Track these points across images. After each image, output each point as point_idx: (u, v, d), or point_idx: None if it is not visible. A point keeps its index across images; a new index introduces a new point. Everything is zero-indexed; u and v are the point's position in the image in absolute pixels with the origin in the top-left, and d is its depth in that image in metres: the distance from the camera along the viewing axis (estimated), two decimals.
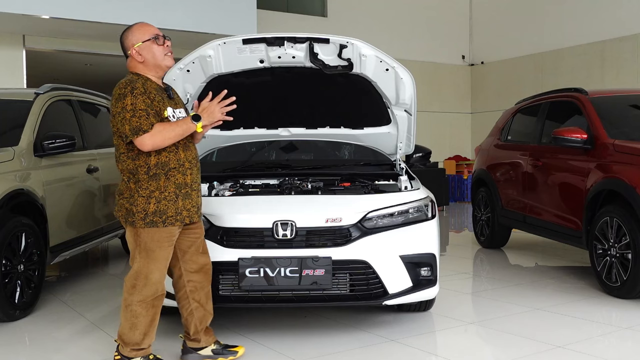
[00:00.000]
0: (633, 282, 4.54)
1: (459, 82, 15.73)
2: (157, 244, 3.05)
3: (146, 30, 3.13)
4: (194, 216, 3.16)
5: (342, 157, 5.14)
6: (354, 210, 3.70)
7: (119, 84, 3.06)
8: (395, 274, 3.66)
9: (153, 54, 3.10)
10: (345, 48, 4.03)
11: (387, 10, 14.39)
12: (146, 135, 2.95)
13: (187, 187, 3.11)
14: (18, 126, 4.72)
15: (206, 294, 3.35)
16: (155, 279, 3.07)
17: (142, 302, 3.06)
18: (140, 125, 2.95)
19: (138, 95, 2.98)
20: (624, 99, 5.86)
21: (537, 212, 6.02)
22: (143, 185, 3.03)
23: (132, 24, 3.21)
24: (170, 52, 3.17)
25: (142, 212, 3.02)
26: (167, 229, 3.05)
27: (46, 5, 8.98)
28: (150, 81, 3.12)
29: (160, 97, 3.09)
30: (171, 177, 3.05)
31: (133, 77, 3.09)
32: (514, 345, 3.67)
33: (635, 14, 12.07)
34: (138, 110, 2.96)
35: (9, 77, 10.06)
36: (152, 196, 3.02)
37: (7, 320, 4.17)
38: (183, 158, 3.09)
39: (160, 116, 3.04)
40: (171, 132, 2.99)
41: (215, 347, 3.39)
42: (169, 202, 3.04)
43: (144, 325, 3.09)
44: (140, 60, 3.12)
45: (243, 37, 3.98)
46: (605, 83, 12.42)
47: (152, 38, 3.11)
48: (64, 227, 4.96)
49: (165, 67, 3.16)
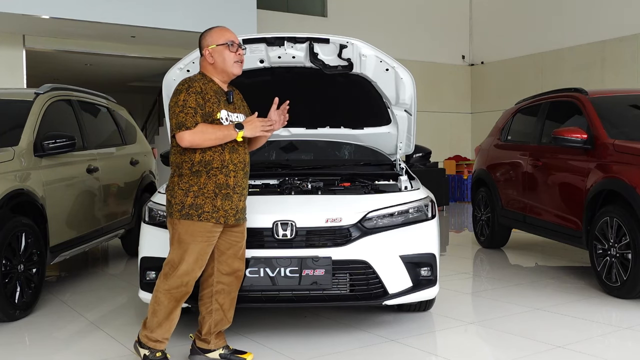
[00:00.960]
0: (633, 282, 4.54)
1: (459, 82, 15.74)
2: (191, 237, 3.09)
3: (222, 35, 3.22)
4: (231, 218, 3.16)
5: (342, 157, 5.14)
6: (354, 210, 3.70)
7: (181, 81, 3.18)
8: (395, 274, 3.66)
9: (223, 58, 3.19)
10: (345, 48, 4.03)
11: (387, 10, 14.39)
12: (187, 132, 3.04)
13: (229, 189, 3.14)
14: (18, 126, 4.72)
15: (232, 299, 3.36)
16: (183, 271, 3.10)
17: (167, 291, 3.12)
18: (184, 121, 3.04)
19: (192, 93, 3.09)
20: (624, 99, 5.86)
21: (537, 212, 6.02)
22: (185, 179, 3.12)
23: (215, 27, 3.29)
24: (241, 62, 3.25)
25: (179, 204, 3.10)
26: (201, 224, 3.09)
27: (46, 5, 8.99)
28: (213, 83, 3.21)
29: (217, 100, 3.16)
30: (212, 176, 3.11)
31: (197, 76, 3.21)
32: (514, 345, 3.67)
33: (635, 14, 12.07)
34: (187, 107, 3.06)
35: (9, 77, 10.06)
36: (191, 190, 3.10)
37: (7, 320, 4.17)
38: (228, 160, 3.14)
39: (212, 117, 3.12)
40: (212, 134, 3.06)
41: (223, 351, 3.37)
42: (207, 199, 3.10)
43: (161, 315, 3.14)
44: (211, 62, 3.21)
45: (243, 37, 3.98)
46: (605, 83, 12.42)
47: (226, 43, 3.18)
48: (64, 227, 4.96)
49: (232, 74, 3.23)
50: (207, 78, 3.22)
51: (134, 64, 12.49)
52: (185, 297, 3.17)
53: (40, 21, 9.34)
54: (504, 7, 14.93)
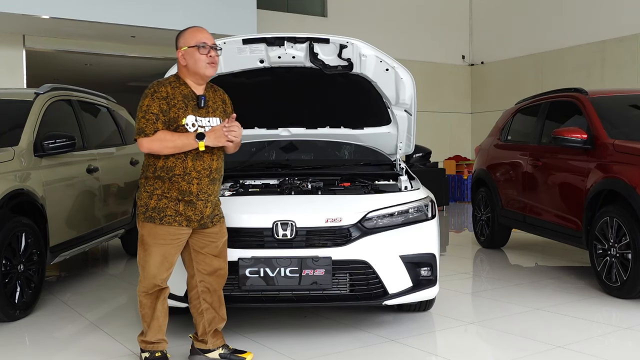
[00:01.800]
0: (633, 282, 4.54)
1: (459, 82, 15.73)
2: (153, 239, 3.10)
3: (194, 36, 3.15)
4: (194, 224, 3.14)
5: (342, 157, 5.14)
6: (354, 210, 3.70)
7: (150, 84, 3.16)
8: (395, 274, 3.66)
9: (195, 60, 3.12)
10: (345, 48, 4.03)
11: (387, 10, 14.38)
12: (145, 139, 3.04)
13: (192, 196, 3.10)
14: (18, 126, 4.72)
15: (219, 298, 3.35)
16: (150, 273, 3.11)
17: (144, 293, 3.16)
18: (144, 128, 3.04)
19: (156, 99, 3.07)
20: (624, 99, 5.86)
21: (537, 212, 6.02)
22: (149, 182, 3.13)
23: (189, 27, 3.22)
24: (214, 63, 3.16)
25: (143, 207, 3.12)
26: (163, 227, 3.08)
27: (46, 5, 8.98)
28: (185, 86, 3.15)
29: (184, 105, 3.10)
30: (175, 182, 3.08)
31: (169, 79, 3.18)
32: (514, 345, 3.67)
33: (635, 14, 12.07)
34: (149, 113, 3.05)
35: (9, 77, 10.05)
36: (155, 193, 3.10)
37: (7, 320, 4.17)
38: (190, 167, 3.09)
39: (177, 123, 3.07)
40: (170, 142, 3.03)
41: (223, 351, 3.36)
42: (170, 203, 3.09)
43: (148, 317, 3.17)
44: (184, 64, 3.17)
45: (243, 37, 3.99)
46: (605, 83, 12.41)
47: (197, 45, 3.12)
48: (64, 227, 4.96)
49: (204, 75, 3.16)
50: (180, 81, 3.16)
51: (134, 64, 12.47)
52: (164, 294, 3.18)
53: (40, 21, 9.34)
54: (504, 7, 14.92)
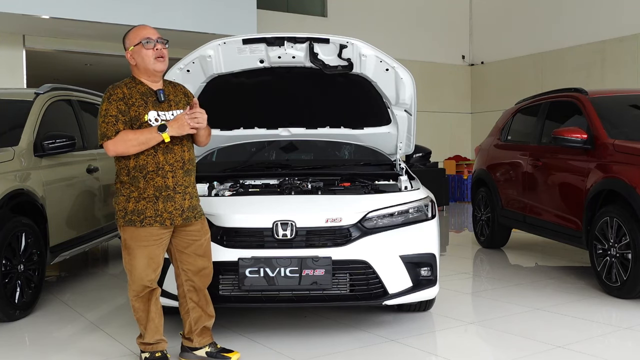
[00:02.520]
0: (633, 282, 4.54)
1: (459, 82, 15.73)
2: (135, 242, 3.09)
3: (137, 34, 3.14)
4: (177, 219, 3.13)
5: (342, 157, 5.14)
6: (354, 210, 3.70)
7: (107, 88, 3.15)
8: (395, 274, 3.66)
9: (142, 58, 3.11)
10: (345, 48, 4.03)
11: (387, 10, 14.39)
12: (109, 142, 3.04)
13: (169, 190, 3.10)
14: (18, 126, 4.72)
15: (204, 296, 3.34)
16: (137, 276, 3.11)
17: (135, 296, 3.16)
18: (105, 132, 3.04)
19: (113, 101, 3.06)
20: (624, 99, 5.86)
21: (537, 212, 6.02)
22: (125, 185, 3.12)
23: (132, 27, 3.22)
24: (162, 57, 3.13)
25: (122, 211, 3.11)
26: (145, 229, 3.08)
27: (46, 5, 8.98)
28: (142, 85, 3.15)
29: (144, 102, 3.10)
30: (150, 180, 3.08)
31: (124, 81, 3.17)
32: (514, 345, 3.67)
33: (635, 14, 12.07)
34: (108, 116, 3.04)
35: (9, 77, 10.06)
36: (132, 196, 3.09)
37: (7, 320, 4.17)
38: (162, 161, 3.08)
39: (140, 121, 3.06)
40: (134, 140, 3.01)
41: (210, 349, 3.35)
42: (148, 203, 3.08)
43: (143, 320, 3.18)
44: (134, 64, 3.17)
45: (243, 37, 3.98)
46: (605, 83, 12.41)
47: (141, 42, 3.10)
48: (64, 227, 4.96)
49: (154, 71, 3.13)
50: (136, 81, 3.16)
51: None
52: (155, 294, 3.19)
53: (40, 21, 9.34)
54: (504, 7, 14.92)
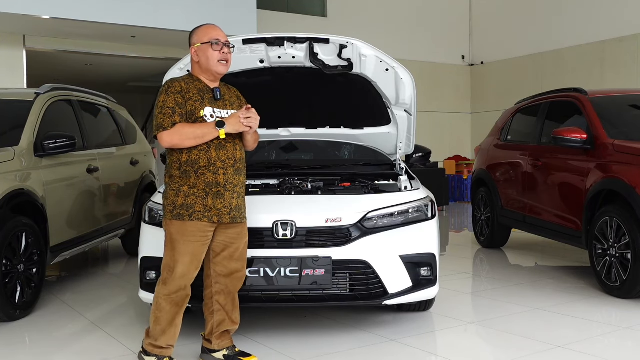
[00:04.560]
0: (633, 282, 4.55)
1: (458, 82, 15.73)
2: (183, 237, 3.06)
3: (207, 33, 3.18)
4: (225, 217, 3.12)
5: (342, 157, 5.14)
6: (354, 210, 3.71)
7: (164, 82, 3.20)
8: (395, 274, 3.66)
9: (207, 57, 3.14)
10: (345, 48, 4.03)
11: (387, 11, 14.39)
12: (165, 133, 3.03)
13: (220, 187, 3.10)
14: (18, 126, 4.73)
15: (232, 300, 3.31)
16: (179, 273, 3.07)
17: (167, 296, 3.10)
18: (162, 122, 3.04)
19: (171, 93, 3.08)
20: (624, 99, 5.86)
21: (537, 212, 6.02)
22: (175, 179, 3.11)
23: (203, 24, 3.26)
24: (227, 61, 3.19)
25: (171, 205, 3.09)
26: (193, 224, 3.06)
27: (46, 5, 8.98)
28: (199, 82, 3.18)
29: (200, 97, 3.12)
30: (201, 175, 3.07)
31: (183, 77, 3.21)
32: (514, 345, 3.68)
33: (635, 14, 12.07)
34: (165, 107, 3.05)
35: (9, 77, 10.06)
36: (182, 190, 3.08)
37: (8, 320, 4.17)
38: (215, 157, 3.09)
39: (195, 115, 3.08)
40: (190, 133, 3.03)
41: (227, 352, 3.33)
42: (198, 198, 3.07)
43: (164, 322, 3.11)
44: (196, 61, 3.19)
45: (243, 37, 3.99)
46: (605, 83, 12.41)
47: (210, 42, 3.14)
48: (64, 227, 4.96)
49: (216, 72, 3.18)
50: (194, 77, 3.20)
51: (134, 64, 12.46)
52: (186, 301, 3.15)
53: (41, 21, 9.34)
54: (504, 7, 14.92)
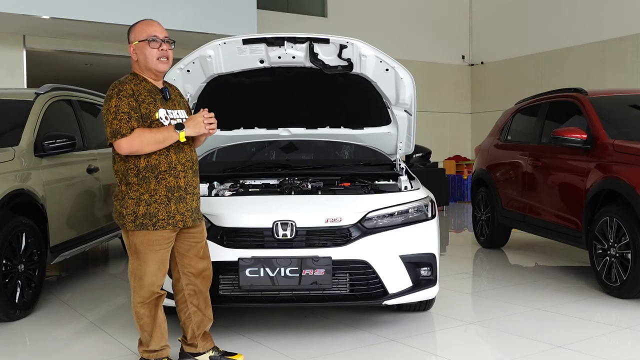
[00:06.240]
0: (633, 282, 4.55)
1: (458, 82, 15.73)
2: (148, 247, 2.99)
3: (144, 30, 3.05)
4: (188, 220, 3.07)
5: (342, 157, 5.14)
6: (354, 210, 3.70)
7: (111, 85, 3.03)
8: (395, 274, 3.66)
9: (145, 55, 3.02)
10: (345, 48, 4.03)
11: (387, 11, 14.38)
12: (123, 140, 2.90)
13: (181, 191, 3.03)
14: (18, 126, 4.73)
15: (205, 299, 3.28)
16: (148, 282, 3.02)
17: (142, 303, 3.05)
18: (119, 129, 2.90)
19: (123, 97, 2.93)
20: (624, 99, 5.86)
21: (537, 212, 6.02)
22: (133, 187, 2.98)
23: (139, 21, 3.13)
24: (167, 57, 3.06)
25: (132, 215, 2.96)
26: (157, 232, 2.98)
27: (46, 5, 8.98)
28: (146, 82, 3.05)
29: (152, 99, 3.01)
30: (162, 180, 2.97)
31: (128, 77, 3.05)
32: (514, 345, 3.68)
33: (635, 14, 12.07)
34: (120, 112, 2.91)
35: (9, 77, 10.05)
36: (142, 199, 2.96)
37: (7, 320, 4.17)
38: (175, 161, 3.01)
39: (150, 119, 2.97)
40: (151, 138, 2.91)
41: (213, 353, 3.31)
42: (160, 205, 2.97)
43: (148, 326, 3.08)
44: (135, 60, 3.07)
45: (243, 37, 3.99)
46: (605, 83, 12.41)
47: (147, 39, 3.02)
48: (64, 227, 4.96)
49: (156, 71, 3.05)
50: (139, 77, 3.05)
51: None
52: (162, 300, 3.11)
53: (41, 21, 9.34)
54: (504, 7, 14.92)
